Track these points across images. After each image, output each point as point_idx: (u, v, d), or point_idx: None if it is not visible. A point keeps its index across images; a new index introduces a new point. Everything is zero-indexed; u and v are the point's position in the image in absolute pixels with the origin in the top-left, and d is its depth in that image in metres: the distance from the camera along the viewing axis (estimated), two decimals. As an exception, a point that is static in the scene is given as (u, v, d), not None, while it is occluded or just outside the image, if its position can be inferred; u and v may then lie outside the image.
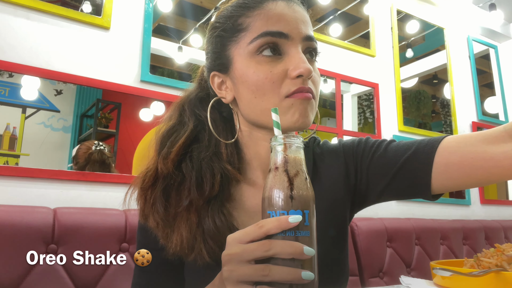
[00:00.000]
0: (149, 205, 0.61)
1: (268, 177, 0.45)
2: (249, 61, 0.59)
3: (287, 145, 0.45)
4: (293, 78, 0.57)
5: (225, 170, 0.63)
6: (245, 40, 0.60)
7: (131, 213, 1.32)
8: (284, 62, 0.58)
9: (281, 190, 0.44)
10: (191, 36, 1.99)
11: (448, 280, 0.56)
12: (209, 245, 0.58)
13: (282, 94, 0.58)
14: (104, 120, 1.67)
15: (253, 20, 0.60)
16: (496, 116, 3.08)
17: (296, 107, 0.58)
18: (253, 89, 0.59)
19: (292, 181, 0.44)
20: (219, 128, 0.66)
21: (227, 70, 0.63)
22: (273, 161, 0.45)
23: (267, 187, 0.45)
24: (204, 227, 0.59)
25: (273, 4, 0.60)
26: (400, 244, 1.94)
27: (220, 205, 0.62)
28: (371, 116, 2.47)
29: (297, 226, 0.42)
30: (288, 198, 0.43)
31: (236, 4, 0.63)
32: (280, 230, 0.41)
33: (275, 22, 0.59)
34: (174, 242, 0.58)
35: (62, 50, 1.53)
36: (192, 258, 0.58)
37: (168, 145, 0.64)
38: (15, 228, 1.11)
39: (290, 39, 0.59)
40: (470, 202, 2.72)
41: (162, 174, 0.62)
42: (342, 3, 2.55)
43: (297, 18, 0.60)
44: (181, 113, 0.69)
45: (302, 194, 0.44)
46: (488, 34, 3.20)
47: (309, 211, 0.43)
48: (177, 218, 0.60)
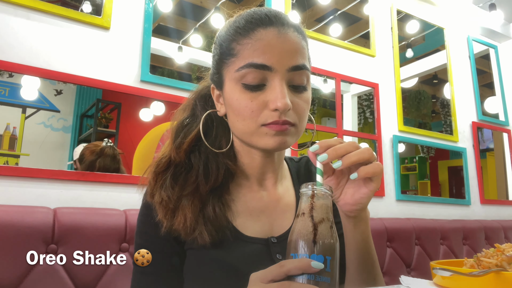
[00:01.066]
0: (158, 185, 0.67)
1: (295, 221, 0.47)
2: (234, 87, 0.63)
3: (316, 193, 0.48)
4: (271, 110, 0.60)
5: (227, 166, 0.69)
6: (233, 66, 0.63)
7: (131, 213, 1.32)
8: (265, 93, 0.61)
9: (306, 235, 0.45)
10: (191, 36, 1.99)
11: (448, 280, 0.56)
12: (209, 228, 0.63)
13: (259, 122, 0.62)
14: (104, 120, 1.67)
15: (242, 48, 0.62)
16: (496, 116, 3.08)
17: (271, 135, 0.62)
18: (236, 113, 0.64)
19: (317, 227, 0.46)
20: (219, 130, 0.72)
21: (221, 88, 0.68)
22: (301, 207, 0.48)
23: (293, 232, 0.47)
24: (204, 213, 0.65)
25: (263, 33, 0.62)
26: (400, 244, 1.94)
27: (220, 196, 0.68)
28: (371, 116, 2.47)
29: (319, 271, 0.43)
30: (311, 242, 0.45)
31: (232, 26, 0.65)
32: (301, 271, 0.43)
33: (260, 53, 0.60)
34: (178, 220, 0.63)
35: (62, 50, 1.53)
36: (192, 237, 0.63)
37: (182, 135, 0.70)
38: (15, 228, 1.11)
39: (274, 71, 0.61)
40: (470, 202, 2.72)
41: (175, 162, 0.69)
42: (342, 3, 2.55)
43: (285, 48, 0.61)
44: (193, 107, 0.75)
45: (325, 240, 0.45)
46: (488, 34, 3.20)
47: (331, 258, 0.44)
48: (182, 200, 0.65)
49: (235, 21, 0.66)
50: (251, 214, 0.70)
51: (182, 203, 0.65)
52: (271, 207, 0.72)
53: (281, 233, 0.69)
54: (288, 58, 0.61)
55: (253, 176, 0.72)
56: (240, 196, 0.71)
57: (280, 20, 0.63)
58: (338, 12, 2.51)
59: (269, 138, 0.62)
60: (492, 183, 3.16)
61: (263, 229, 0.69)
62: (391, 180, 2.39)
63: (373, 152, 0.54)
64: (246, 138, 0.65)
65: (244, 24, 0.63)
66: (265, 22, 0.62)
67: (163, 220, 0.64)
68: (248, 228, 0.68)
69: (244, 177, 0.72)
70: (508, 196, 3.09)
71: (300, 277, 0.43)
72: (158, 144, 1.71)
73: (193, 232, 0.63)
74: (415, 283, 0.61)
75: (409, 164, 3.28)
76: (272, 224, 0.70)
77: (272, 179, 0.74)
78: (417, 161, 3.28)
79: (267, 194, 0.73)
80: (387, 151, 2.42)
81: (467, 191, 2.73)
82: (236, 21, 0.66)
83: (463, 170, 2.75)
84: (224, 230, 0.65)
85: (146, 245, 0.67)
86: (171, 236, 0.65)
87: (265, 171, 0.73)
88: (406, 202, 2.42)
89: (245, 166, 0.72)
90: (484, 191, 2.83)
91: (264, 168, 0.72)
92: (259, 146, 0.64)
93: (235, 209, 0.69)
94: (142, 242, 0.68)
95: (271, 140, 0.62)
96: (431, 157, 3.18)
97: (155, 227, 0.65)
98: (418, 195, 3.09)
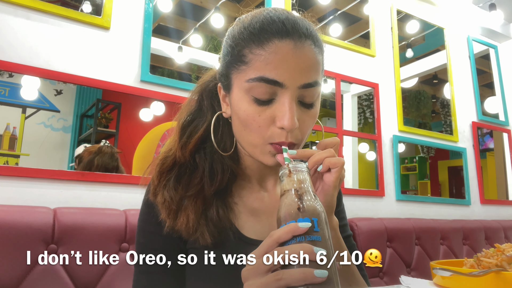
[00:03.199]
0: (161, 185, 0.66)
1: (280, 201, 0.50)
2: (243, 96, 0.61)
3: (292, 170, 0.51)
4: (278, 127, 0.59)
5: (232, 168, 0.69)
6: (244, 75, 0.60)
7: (131, 213, 1.32)
8: (273, 109, 0.59)
9: (289, 205, 0.48)
10: (191, 36, 1.99)
11: (448, 280, 0.56)
12: (211, 229, 0.64)
13: (266, 139, 0.61)
14: (104, 120, 1.67)
15: (254, 58, 0.59)
16: (496, 116, 3.08)
17: (273, 154, 0.61)
18: (242, 124, 0.62)
19: (299, 196, 0.48)
20: (225, 130, 0.71)
21: (229, 91, 0.65)
22: (282, 186, 0.51)
23: (280, 209, 0.49)
24: (207, 214, 0.65)
25: (278, 45, 0.58)
26: (400, 244, 1.94)
27: (224, 199, 0.68)
28: (371, 116, 2.47)
29: (307, 231, 0.44)
30: (296, 210, 0.47)
31: (247, 29, 0.61)
32: (290, 234, 0.44)
33: (273, 68, 0.57)
34: (180, 221, 0.63)
35: (62, 50, 1.53)
36: (193, 238, 0.64)
37: (187, 134, 0.69)
38: (15, 228, 1.11)
39: (285, 87, 0.58)
40: (470, 202, 2.72)
41: (179, 162, 0.68)
42: (342, 3, 2.55)
43: (299, 65, 0.58)
44: (200, 102, 0.73)
45: (308, 204, 0.47)
46: (488, 34, 3.20)
47: (318, 219, 0.46)
48: (184, 201, 0.65)
49: (250, 24, 0.61)
50: (252, 215, 0.70)
51: (184, 204, 0.65)
52: (272, 208, 0.72)
53: None
54: (301, 75, 0.59)
55: (254, 178, 0.73)
56: (241, 197, 0.71)
57: (297, 30, 0.59)
58: (338, 12, 2.51)
59: (271, 157, 0.62)
60: (492, 183, 3.16)
61: (264, 231, 0.69)
62: (391, 180, 2.39)
63: (337, 149, 0.60)
64: (249, 149, 0.64)
65: (259, 31, 0.59)
66: (281, 32, 0.58)
67: (166, 220, 0.64)
68: (249, 230, 0.68)
69: (246, 178, 0.73)
70: (508, 196, 3.09)
71: (291, 242, 0.44)
72: (158, 144, 1.71)
73: (195, 233, 0.63)
74: (415, 283, 0.61)
75: (409, 164, 3.28)
76: (273, 226, 0.70)
77: (272, 180, 0.74)
78: (417, 161, 3.27)
79: (268, 195, 0.73)
80: (387, 151, 2.42)
81: (467, 191, 2.73)
82: (251, 24, 0.61)
83: (463, 170, 2.75)
84: (227, 231, 0.65)
85: (148, 244, 0.67)
86: (173, 236, 0.65)
87: (266, 173, 0.73)
88: (406, 202, 2.42)
89: (247, 168, 0.72)
90: (484, 191, 2.83)
91: (265, 171, 0.72)
92: (259, 160, 0.64)
93: (237, 211, 0.69)
94: (144, 241, 0.68)
95: (272, 158, 0.62)
96: (431, 157, 3.18)
97: (157, 226, 0.66)
98: (418, 195, 3.09)
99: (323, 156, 0.56)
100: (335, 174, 0.57)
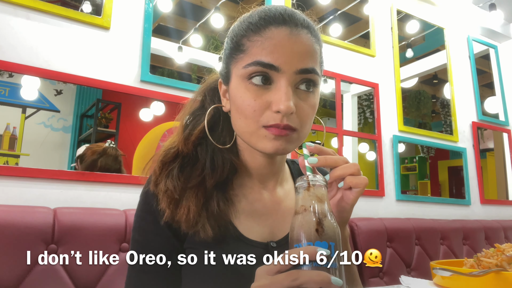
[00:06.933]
0: (164, 175, 0.66)
1: (295, 217, 0.48)
2: (240, 84, 0.62)
3: (311, 183, 0.49)
4: (274, 112, 0.59)
5: (233, 161, 0.69)
6: (241, 63, 0.62)
7: (131, 213, 1.32)
8: (270, 93, 0.60)
9: (307, 224, 0.46)
10: (191, 36, 1.99)
11: (448, 280, 0.56)
12: (212, 222, 0.63)
13: (260, 123, 0.60)
14: (104, 120, 1.67)
15: (252, 45, 0.61)
16: (496, 116, 3.08)
17: (270, 139, 0.60)
18: (238, 111, 0.63)
19: (317, 215, 0.47)
20: (225, 124, 0.71)
21: (228, 83, 0.66)
22: (299, 201, 0.49)
23: (294, 226, 0.48)
24: (208, 207, 0.64)
25: (275, 31, 0.60)
26: (400, 244, 1.94)
27: (224, 191, 0.68)
28: (371, 116, 2.47)
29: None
30: (314, 231, 0.46)
31: (246, 21, 0.64)
32: (307, 260, 0.44)
33: (268, 53, 0.59)
34: (181, 212, 0.63)
35: (62, 50, 1.53)
36: (194, 230, 0.63)
37: (190, 127, 0.70)
38: (15, 228, 1.11)
39: (281, 72, 0.59)
40: (470, 202, 2.72)
41: (182, 154, 0.69)
42: (342, 3, 2.55)
43: (295, 50, 0.59)
44: (203, 99, 0.75)
45: (327, 227, 0.46)
46: (488, 34, 3.20)
47: (335, 243, 0.45)
48: (186, 191, 0.65)
49: (249, 16, 0.64)
50: (252, 216, 0.69)
51: (186, 194, 0.64)
52: (272, 209, 0.71)
53: (281, 237, 0.69)
54: (297, 60, 0.59)
55: (255, 175, 0.72)
56: (242, 196, 0.71)
57: (294, 20, 0.61)
58: (338, 12, 2.51)
59: (268, 142, 0.61)
60: (492, 183, 3.16)
61: (263, 233, 0.69)
62: (391, 180, 2.39)
63: (359, 168, 0.58)
64: (246, 137, 0.64)
65: (257, 20, 0.62)
66: (278, 20, 0.60)
67: (166, 210, 0.63)
68: (248, 230, 0.68)
69: (247, 175, 0.72)
70: (508, 196, 3.09)
71: (306, 265, 0.44)
72: (158, 144, 1.71)
73: (196, 225, 0.62)
74: (415, 283, 0.61)
75: (409, 164, 3.28)
76: (272, 228, 0.70)
77: (273, 180, 0.74)
78: (417, 161, 3.27)
79: (268, 195, 0.73)
80: (387, 151, 2.42)
81: (467, 191, 2.73)
82: (250, 16, 0.64)
83: (463, 170, 2.75)
84: (227, 226, 0.65)
85: (144, 241, 0.66)
86: (170, 233, 0.65)
87: (267, 171, 0.72)
88: (406, 202, 2.42)
89: (248, 163, 0.71)
90: (484, 191, 2.83)
91: (266, 169, 0.72)
92: (257, 148, 0.63)
93: (238, 207, 0.69)
94: (139, 239, 0.67)
95: (269, 143, 0.60)
96: (431, 157, 3.18)
97: (154, 223, 0.65)
98: (418, 195, 3.09)
99: (346, 173, 0.55)
100: (356, 194, 0.56)
